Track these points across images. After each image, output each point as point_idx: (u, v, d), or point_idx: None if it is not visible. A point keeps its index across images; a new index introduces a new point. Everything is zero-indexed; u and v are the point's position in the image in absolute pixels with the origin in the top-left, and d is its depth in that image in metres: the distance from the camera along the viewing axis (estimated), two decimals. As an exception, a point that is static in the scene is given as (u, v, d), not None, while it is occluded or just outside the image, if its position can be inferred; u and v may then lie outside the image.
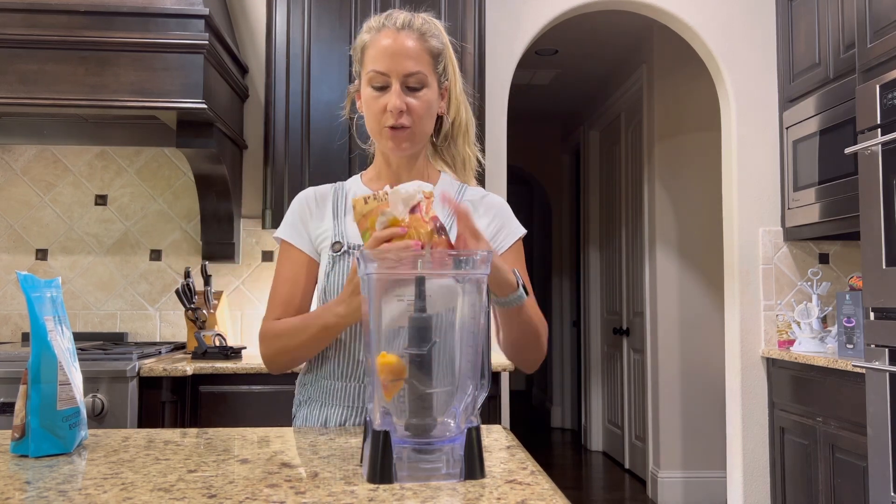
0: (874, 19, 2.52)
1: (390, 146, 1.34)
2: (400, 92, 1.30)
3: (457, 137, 1.44)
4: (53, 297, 1.07)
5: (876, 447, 2.35)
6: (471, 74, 2.82)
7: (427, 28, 1.34)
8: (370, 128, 1.36)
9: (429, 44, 1.33)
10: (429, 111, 1.34)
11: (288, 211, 1.44)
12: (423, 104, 1.32)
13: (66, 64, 2.36)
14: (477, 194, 1.42)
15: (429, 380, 0.85)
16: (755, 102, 3.40)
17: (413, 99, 1.31)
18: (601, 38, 4.80)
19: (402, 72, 1.29)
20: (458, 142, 1.44)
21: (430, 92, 1.33)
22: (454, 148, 1.45)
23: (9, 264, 3.02)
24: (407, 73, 1.30)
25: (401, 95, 1.30)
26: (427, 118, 1.34)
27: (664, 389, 4.46)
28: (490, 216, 1.39)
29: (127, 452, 1.02)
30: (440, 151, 1.46)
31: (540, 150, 7.25)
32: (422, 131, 1.35)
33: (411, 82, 1.30)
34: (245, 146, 3.06)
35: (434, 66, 1.34)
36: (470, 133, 1.45)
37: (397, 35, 1.31)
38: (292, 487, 0.83)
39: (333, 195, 1.44)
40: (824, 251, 3.36)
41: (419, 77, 1.30)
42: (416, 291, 0.85)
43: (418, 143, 1.37)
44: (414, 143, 1.35)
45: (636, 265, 4.95)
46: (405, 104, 1.30)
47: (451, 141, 1.45)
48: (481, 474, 0.85)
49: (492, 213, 1.40)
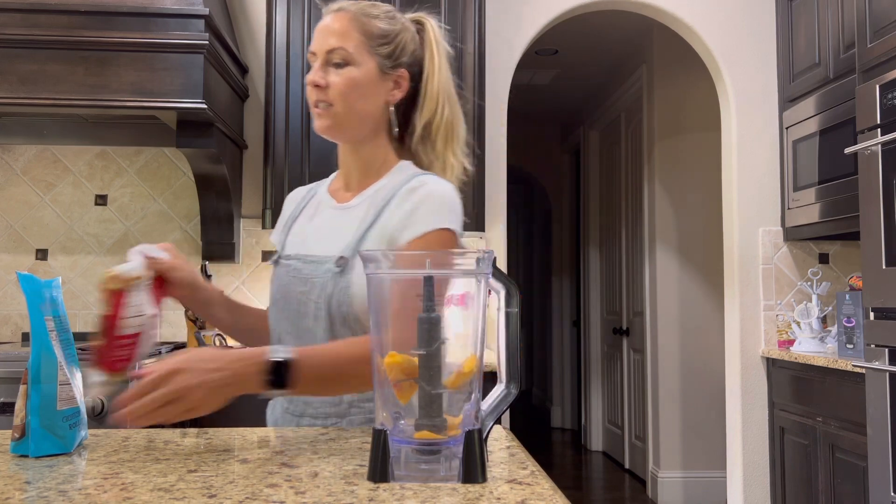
0: (874, 19, 2.52)
1: (316, 125, 1.30)
2: (319, 67, 1.28)
3: (435, 140, 1.33)
4: (53, 298, 1.07)
5: (876, 447, 2.35)
6: (470, 74, 2.82)
7: (370, 10, 1.31)
8: None
9: (365, 24, 1.29)
10: (354, 89, 1.27)
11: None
12: (343, 81, 1.26)
13: (66, 64, 2.36)
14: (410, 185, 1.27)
15: (437, 380, 0.84)
16: (755, 102, 3.40)
17: (334, 75, 1.27)
18: (601, 38, 4.80)
19: (325, 48, 1.27)
20: (438, 145, 1.33)
21: (356, 70, 1.27)
22: (432, 152, 1.34)
23: (9, 264, 3.02)
24: (329, 49, 1.27)
25: (318, 70, 1.27)
26: (354, 98, 1.27)
27: (664, 389, 4.46)
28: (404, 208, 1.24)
29: (127, 452, 1.02)
30: (416, 154, 1.35)
31: (540, 150, 7.25)
32: (348, 111, 1.27)
33: (334, 58, 1.27)
34: (245, 146, 3.06)
35: (369, 46, 1.28)
36: (454, 137, 1.34)
37: (333, 17, 1.30)
38: (292, 487, 0.83)
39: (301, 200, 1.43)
40: (824, 251, 3.36)
41: (341, 53, 1.26)
42: (424, 291, 0.84)
43: (345, 126, 1.29)
44: (337, 122, 1.28)
45: (636, 265, 4.95)
46: (324, 80, 1.27)
47: (429, 143, 1.34)
48: (482, 478, 0.84)
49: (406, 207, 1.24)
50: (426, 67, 1.34)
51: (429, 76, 1.34)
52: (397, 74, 1.32)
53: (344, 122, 1.29)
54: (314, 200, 1.41)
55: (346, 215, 1.32)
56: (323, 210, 1.37)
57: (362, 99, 1.28)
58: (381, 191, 1.30)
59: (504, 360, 0.92)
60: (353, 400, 1.25)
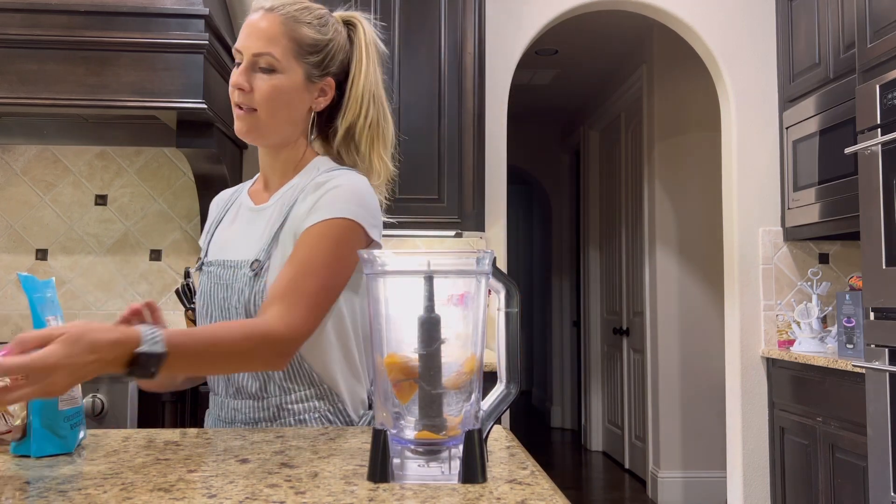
0: (874, 19, 2.52)
1: (236, 126, 1.28)
2: (243, 70, 1.25)
3: (360, 142, 1.32)
4: (52, 298, 1.08)
5: (876, 447, 2.35)
6: (470, 74, 2.82)
7: (302, 16, 1.27)
8: None
9: (296, 31, 1.25)
10: (279, 97, 1.25)
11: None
12: (268, 87, 1.24)
13: (66, 64, 2.36)
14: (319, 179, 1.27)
15: (437, 380, 0.84)
16: (755, 102, 3.40)
17: (260, 81, 1.25)
18: (601, 38, 4.80)
19: (252, 50, 1.25)
20: (362, 147, 1.32)
21: (283, 78, 1.25)
22: (357, 154, 1.33)
23: (9, 264, 3.03)
24: (256, 53, 1.24)
25: (243, 73, 1.25)
26: (278, 105, 1.25)
27: (664, 389, 4.46)
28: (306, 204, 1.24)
29: (127, 452, 1.02)
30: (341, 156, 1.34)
31: (540, 150, 7.25)
32: (271, 118, 1.26)
33: (261, 62, 1.25)
34: (245, 146, 3.06)
35: (297, 54, 1.26)
36: (380, 140, 1.33)
37: (262, 16, 1.26)
38: (292, 487, 0.83)
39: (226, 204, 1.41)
40: (824, 251, 3.36)
41: (268, 59, 1.24)
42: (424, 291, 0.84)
43: (267, 132, 1.28)
44: (259, 128, 1.27)
45: (636, 265, 4.95)
46: (248, 83, 1.25)
47: (353, 145, 1.33)
48: (482, 478, 0.84)
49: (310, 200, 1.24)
50: (352, 70, 1.32)
51: (354, 78, 1.32)
52: (324, 83, 1.30)
53: (265, 128, 1.27)
54: (236, 204, 1.39)
55: (260, 217, 1.31)
56: (242, 213, 1.35)
57: (286, 107, 1.27)
58: (292, 189, 1.29)
59: (504, 360, 0.92)
60: (280, 403, 1.26)
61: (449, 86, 2.79)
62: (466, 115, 2.80)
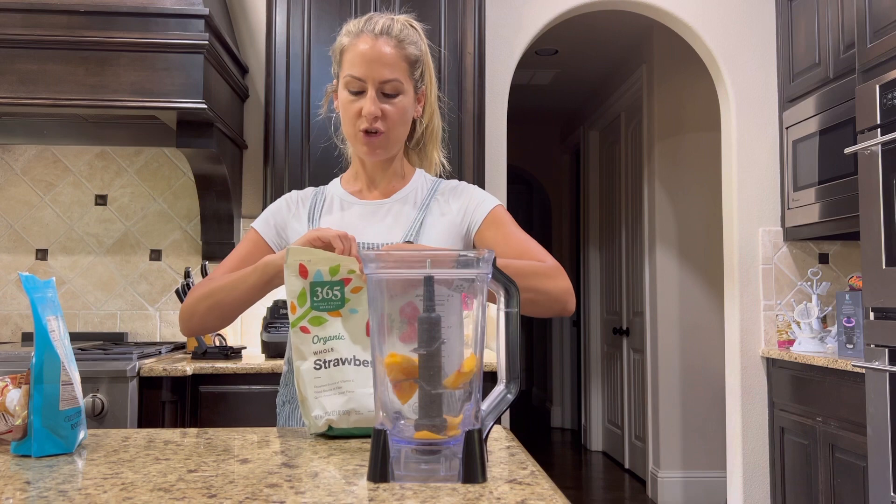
0: (874, 19, 2.52)
1: (364, 150, 1.36)
2: (375, 98, 1.31)
3: (427, 143, 1.47)
4: (52, 298, 1.08)
5: (876, 447, 2.35)
6: (470, 74, 2.82)
7: (406, 35, 1.35)
8: (346, 131, 1.38)
9: (406, 51, 1.34)
10: (403, 117, 1.36)
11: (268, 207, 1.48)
12: (397, 111, 1.34)
13: (66, 64, 2.36)
14: (449, 185, 1.45)
15: (437, 380, 0.84)
16: (755, 102, 3.40)
17: (388, 105, 1.33)
18: (601, 38, 4.80)
19: (378, 78, 1.31)
20: (428, 147, 1.47)
21: (405, 99, 1.35)
22: (423, 152, 1.48)
23: (9, 264, 3.03)
24: (383, 80, 1.31)
25: (376, 102, 1.31)
26: (401, 124, 1.36)
27: (664, 389, 4.46)
28: (461, 200, 1.42)
29: (127, 452, 1.02)
30: (408, 154, 1.49)
31: (540, 150, 7.25)
32: (396, 137, 1.37)
33: (387, 89, 1.32)
34: (245, 146, 3.06)
35: (410, 73, 1.35)
36: (438, 138, 1.48)
37: (375, 41, 1.31)
38: (292, 487, 0.83)
39: (313, 198, 1.47)
40: (824, 251, 3.36)
41: (395, 84, 1.32)
42: (424, 291, 0.85)
43: (392, 149, 1.39)
44: (388, 149, 1.37)
45: (636, 265, 4.95)
46: (380, 110, 1.32)
47: (421, 145, 1.48)
48: (482, 478, 0.84)
49: (463, 197, 1.42)
50: (426, 77, 1.41)
51: (429, 84, 1.42)
52: (420, 92, 1.41)
53: (392, 146, 1.38)
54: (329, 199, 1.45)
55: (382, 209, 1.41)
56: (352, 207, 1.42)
57: (406, 123, 1.38)
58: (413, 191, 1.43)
59: (504, 360, 0.92)
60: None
61: (449, 86, 2.79)
62: (466, 115, 2.80)
